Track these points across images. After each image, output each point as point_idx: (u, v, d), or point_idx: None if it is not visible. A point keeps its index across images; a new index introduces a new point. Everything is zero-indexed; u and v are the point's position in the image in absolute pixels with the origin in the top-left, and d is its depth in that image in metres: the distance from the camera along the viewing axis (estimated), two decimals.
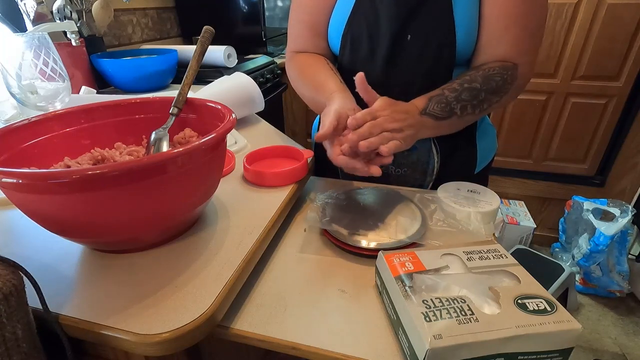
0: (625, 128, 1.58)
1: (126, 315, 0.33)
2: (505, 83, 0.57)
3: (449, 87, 0.56)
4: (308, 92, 0.65)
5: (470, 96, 0.56)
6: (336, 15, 0.65)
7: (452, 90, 0.56)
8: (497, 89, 0.57)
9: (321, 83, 0.62)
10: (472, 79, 0.56)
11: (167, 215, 0.39)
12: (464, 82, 0.56)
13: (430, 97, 0.56)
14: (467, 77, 0.57)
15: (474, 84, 0.56)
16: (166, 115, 0.50)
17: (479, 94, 0.56)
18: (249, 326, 0.38)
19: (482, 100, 0.56)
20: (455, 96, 0.55)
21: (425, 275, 0.36)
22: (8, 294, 0.27)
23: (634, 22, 1.42)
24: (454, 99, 0.55)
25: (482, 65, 0.59)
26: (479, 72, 0.57)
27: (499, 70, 0.57)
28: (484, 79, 0.56)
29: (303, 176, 0.58)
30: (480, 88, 0.56)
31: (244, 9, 1.52)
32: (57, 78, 0.64)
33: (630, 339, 1.40)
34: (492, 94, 0.57)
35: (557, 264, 1.48)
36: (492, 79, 0.57)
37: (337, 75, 0.64)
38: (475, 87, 0.56)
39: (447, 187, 0.55)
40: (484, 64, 0.59)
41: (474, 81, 0.56)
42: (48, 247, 0.42)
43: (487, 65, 0.58)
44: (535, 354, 0.31)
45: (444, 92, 0.56)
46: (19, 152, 0.42)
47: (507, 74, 0.57)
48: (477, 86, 0.56)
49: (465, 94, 0.56)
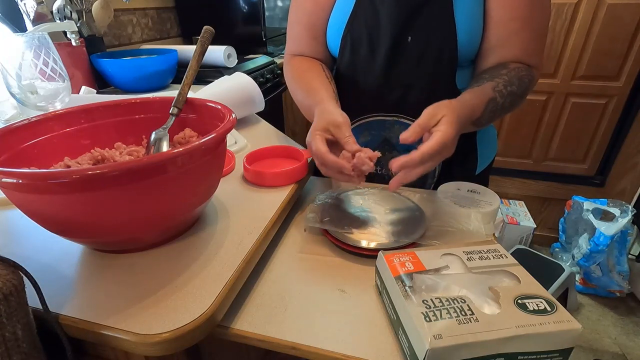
0: (625, 128, 1.58)
1: (126, 315, 0.33)
2: (530, 84, 0.57)
3: (497, 88, 0.54)
4: (301, 97, 0.64)
5: (511, 101, 0.55)
6: (335, 17, 0.65)
7: (501, 95, 0.53)
8: (525, 90, 0.56)
9: (313, 88, 0.61)
10: (510, 81, 0.55)
11: (167, 215, 0.39)
12: (506, 85, 0.54)
13: (488, 101, 0.52)
14: (506, 78, 0.55)
15: (513, 87, 0.55)
16: (166, 115, 0.50)
17: (516, 98, 0.55)
18: (249, 326, 0.38)
19: (515, 103, 0.56)
20: (502, 103, 0.54)
21: (425, 275, 0.36)
22: (8, 294, 0.27)
23: (634, 22, 1.42)
24: (501, 106, 0.54)
25: (508, 64, 0.57)
26: (511, 72, 0.56)
27: (526, 71, 0.57)
28: (519, 80, 0.55)
29: (303, 176, 0.58)
30: (517, 91, 0.55)
31: (244, 9, 1.52)
32: (57, 78, 0.64)
33: (630, 339, 1.40)
34: (522, 96, 0.56)
35: (557, 264, 1.48)
36: (523, 80, 0.56)
37: (332, 85, 0.63)
38: (514, 91, 0.55)
39: (447, 187, 0.55)
40: (508, 63, 0.58)
41: (513, 83, 0.55)
42: (48, 247, 0.42)
43: (512, 64, 0.57)
44: (535, 354, 0.31)
45: (496, 97, 0.53)
46: (19, 152, 0.42)
47: (531, 75, 0.57)
48: (515, 89, 0.55)
49: (509, 98, 0.54)
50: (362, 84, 0.66)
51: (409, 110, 0.65)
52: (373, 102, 0.66)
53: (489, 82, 0.54)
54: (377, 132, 0.67)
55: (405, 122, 0.65)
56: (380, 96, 0.65)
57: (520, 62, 0.58)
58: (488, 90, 0.53)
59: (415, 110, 0.64)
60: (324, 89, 0.60)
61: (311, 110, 0.59)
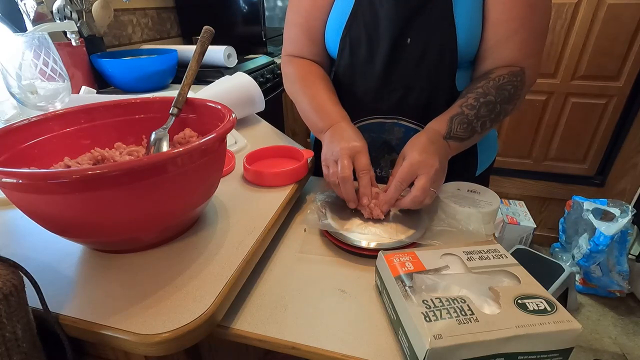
0: (625, 128, 1.58)
1: (126, 315, 0.33)
2: (516, 90, 0.57)
3: (466, 103, 0.55)
4: (306, 107, 0.63)
5: (488, 110, 0.55)
6: (334, 18, 0.65)
7: (470, 108, 0.54)
8: (510, 97, 0.56)
9: (322, 106, 0.61)
10: (485, 92, 0.55)
11: (167, 215, 0.39)
12: (479, 97, 0.55)
13: (451, 117, 0.54)
14: (480, 91, 0.55)
15: (489, 97, 0.55)
16: (166, 115, 0.50)
17: (495, 106, 0.55)
18: (249, 326, 0.38)
19: (499, 112, 0.56)
20: (475, 113, 0.54)
21: (425, 275, 0.36)
22: (8, 294, 0.27)
23: (634, 22, 1.42)
24: (474, 116, 0.54)
25: (490, 74, 0.57)
26: (490, 82, 0.56)
27: (509, 77, 0.56)
28: (497, 89, 0.55)
29: (303, 176, 0.58)
30: (495, 100, 0.55)
31: (244, 9, 1.52)
32: (57, 78, 0.64)
33: (630, 339, 1.40)
34: (507, 103, 0.56)
35: (557, 264, 1.48)
36: (504, 88, 0.56)
37: (335, 95, 0.64)
38: (491, 100, 0.55)
39: (447, 187, 0.55)
40: (491, 72, 0.58)
41: (488, 94, 0.55)
42: (48, 247, 0.42)
43: (494, 73, 0.57)
44: (535, 354, 0.31)
45: (464, 111, 0.54)
46: (19, 152, 0.42)
47: (516, 81, 0.57)
48: (492, 99, 0.55)
49: (483, 109, 0.54)
50: (361, 86, 0.66)
51: (408, 111, 0.64)
52: (372, 103, 0.66)
53: (459, 100, 0.56)
54: (376, 134, 0.67)
55: (404, 124, 0.65)
56: (379, 98, 0.65)
57: (513, 65, 0.58)
58: (454, 108, 0.55)
59: (414, 111, 0.64)
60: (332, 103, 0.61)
61: (317, 125, 0.60)
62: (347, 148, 0.51)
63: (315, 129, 0.61)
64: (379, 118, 0.66)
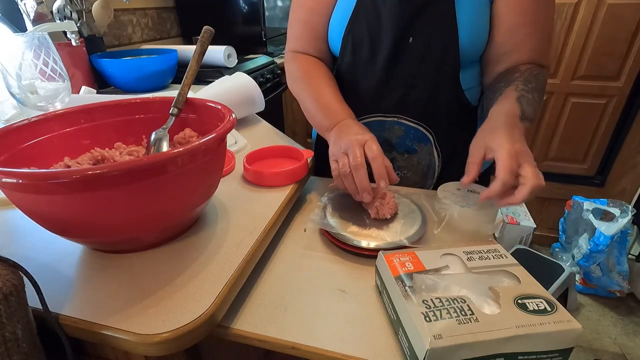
0: (625, 128, 1.58)
1: (126, 315, 0.33)
2: (545, 83, 0.57)
3: (519, 88, 0.53)
4: (310, 105, 0.63)
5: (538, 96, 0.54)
6: (337, 17, 0.65)
7: (526, 91, 0.52)
8: (543, 85, 0.56)
9: (327, 104, 0.61)
10: (527, 79, 0.54)
11: (167, 215, 0.39)
12: (526, 83, 0.53)
13: (517, 98, 0.51)
14: (522, 78, 0.54)
15: (532, 84, 0.54)
16: (166, 115, 0.50)
17: (541, 94, 0.55)
18: (249, 326, 0.38)
19: (542, 101, 0.55)
20: (532, 97, 0.52)
21: (425, 275, 0.36)
22: (8, 294, 0.27)
23: (634, 22, 1.42)
24: (533, 100, 0.52)
25: (519, 67, 0.57)
26: (525, 73, 0.55)
27: (538, 70, 0.57)
28: (535, 77, 0.55)
29: (303, 176, 0.58)
30: (537, 87, 0.54)
31: (244, 9, 1.52)
32: (57, 78, 0.64)
33: (630, 339, 1.40)
34: (542, 91, 0.56)
35: (557, 264, 1.48)
36: (539, 77, 0.56)
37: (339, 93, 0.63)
38: (535, 87, 0.54)
39: (447, 187, 0.55)
40: (518, 66, 0.58)
41: (530, 81, 0.54)
42: (48, 247, 0.42)
43: (523, 66, 0.57)
44: (535, 354, 0.31)
45: (522, 94, 0.52)
46: (19, 152, 0.42)
47: (544, 74, 0.57)
48: (535, 85, 0.54)
49: (534, 94, 0.53)
50: (363, 84, 0.66)
51: (409, 110, 0.64)
52: (373, 102, 0.66)
53: (508, 88, 0.54)
54: (376, 132, 0.67)
55: (405, 122, 0.65)
56: (380, 96, 0.65)
57: (531, 63, 0.59)
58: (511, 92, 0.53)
59: (415, 110, 0.65)
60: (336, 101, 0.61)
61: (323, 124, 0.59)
62: (357, 139, 0.50)
63: (321, 128, 0.61)
64: (380, 116, 0.67)
